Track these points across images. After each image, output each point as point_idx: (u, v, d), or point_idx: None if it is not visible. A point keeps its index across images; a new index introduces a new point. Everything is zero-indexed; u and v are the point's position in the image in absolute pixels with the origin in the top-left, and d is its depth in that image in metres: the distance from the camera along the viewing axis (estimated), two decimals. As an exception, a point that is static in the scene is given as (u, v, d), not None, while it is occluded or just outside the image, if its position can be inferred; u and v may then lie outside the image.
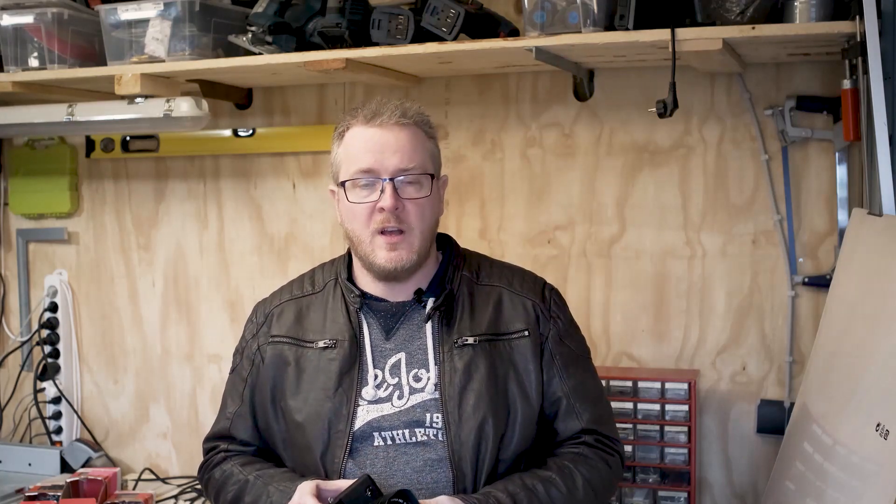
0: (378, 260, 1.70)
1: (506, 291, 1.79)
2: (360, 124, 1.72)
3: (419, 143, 1.72)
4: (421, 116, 1.75)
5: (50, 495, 2.29)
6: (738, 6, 1.96)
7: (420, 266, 1.74)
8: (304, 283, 1.87)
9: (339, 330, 1.76)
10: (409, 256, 1.70)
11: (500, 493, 1.62)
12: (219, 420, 1.86)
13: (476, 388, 1.69)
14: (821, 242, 2.25)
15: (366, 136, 1.70)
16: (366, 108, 1.74)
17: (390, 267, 1.69)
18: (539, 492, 1.64)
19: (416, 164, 1.70)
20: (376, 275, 1.74)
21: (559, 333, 1.78)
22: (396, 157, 1.68)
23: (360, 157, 1.69)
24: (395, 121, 1.70)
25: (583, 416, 1.74)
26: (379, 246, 1.69)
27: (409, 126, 1.71)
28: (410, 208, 1.69)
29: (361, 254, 1.73)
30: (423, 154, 1.72)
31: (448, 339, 1.73)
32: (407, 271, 1.72)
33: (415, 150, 1.70)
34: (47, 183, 2.93)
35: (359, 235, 1.72)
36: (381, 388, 1.73)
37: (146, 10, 2.31)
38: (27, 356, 2.98)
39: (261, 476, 1.73)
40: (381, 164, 1.68)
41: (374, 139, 1.69)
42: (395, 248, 1.69)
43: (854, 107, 1.92)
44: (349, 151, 1.72)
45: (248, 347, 1.85)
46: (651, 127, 2.35)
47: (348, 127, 1.74)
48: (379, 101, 1.74)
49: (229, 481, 1.76)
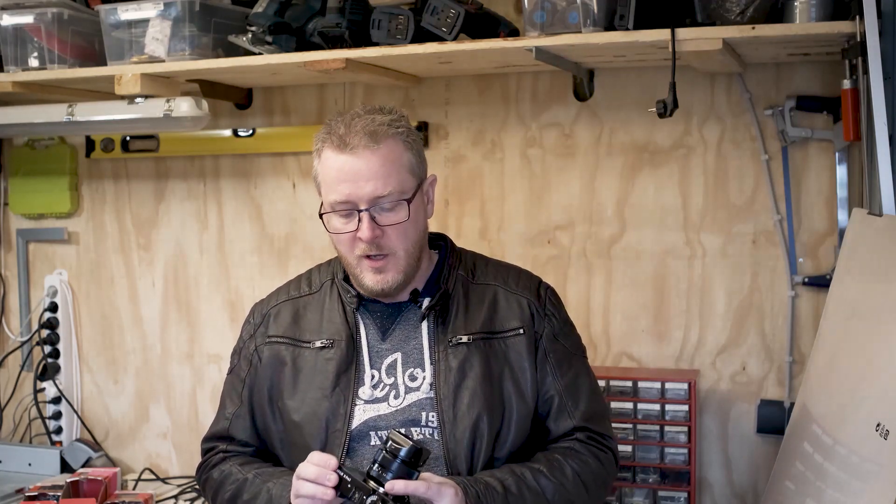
0: (366, 282, 1.71)
1: (501, 290, 1.79)
2: (331, 148, 1.67)
3: (393, 164, 1.66)
4: (394, 128, 1.68)
5: (50, 495, 2.29)
6: (738, 6, 1.96)
7: (410, 280, 1.74)
8: (301, 283, 1.88)
9: (336, 330, 1.77)
10: (395, 277, 1.70)
11: (489, 478, 1.63)
12: (217, 420, 1.86)
13: (470, 387, 1.69)
14: (821, 242, 2.25)
15: (338, 164, 1.66)
16: (339, 125, 1.67)
17: (378, 289, 1.71)
18: (527, 478, 1.65)
19: (391, 189, 1.65)
20: (367, 294, 1.75)
21: (553, 332, 1.78)
22: (370, 185, 1.64)
23: (335, 187, 1.67)
24: (365, 144, 1.64)
25: (574, 414, 1.74)
26: (365, 269, 1.70)
27: (380, 148, 1.65)
28: (391, 233, 1.67)
29: (351, 274, 1.75)
30: (400, 173, 1.67)
31: (443, 339, 1.73)
32: (396, 289, 1.72)
33: (389, 175, 1.65)
34: (47, 183, 2.93)
35: (346, 258, 1.73)
36: (378, 388, 1.73)
37: (146, 10, 2.31)
38: (27, 356, 2.98)
39: (260, 474, 1.73)
40: (355, 195, 1.65)
41: (346, 168, 1.65)
42: (380, 271, 1.69)
43: (854, 107, 1.92)
44: (325, 178, 1.69)
45: (245, 348, 1.85)
46: (651, 127, 2.35)
47: (322, 146, 1.69)
48: (349, 120, 1.67)
49: (227, 480, 1.76)
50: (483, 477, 1.63)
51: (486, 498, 1.59)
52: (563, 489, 1.67)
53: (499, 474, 1.64)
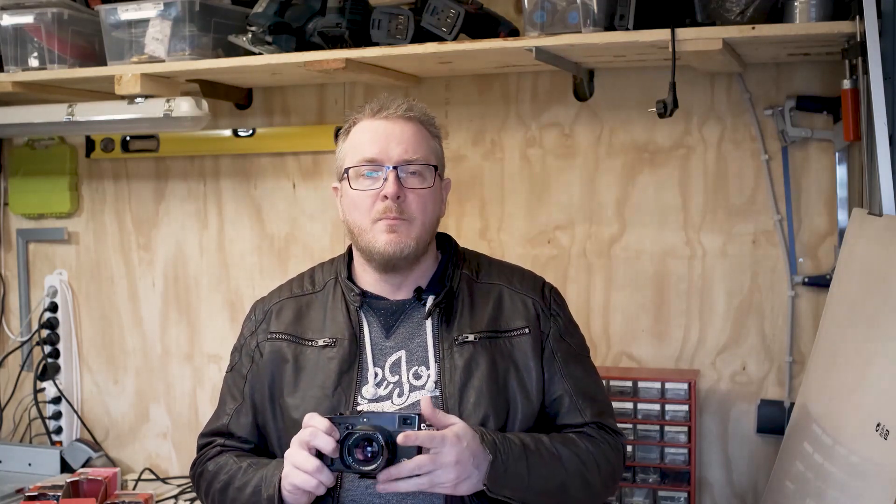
0: (378, 245, 1.70)
1: (506, 289, 1.79)
2: (366, 118, 1.75)
3: (423, 138, 1.75)
4: (426, 115, 1.78)
5: (50, 495, 2.29)
6: (738, 6, 1.96)
7: (419, 258, 1.74)
8: (304, 281, 1.87)
9: (339, 328, 1.76)
10: (407, 241, 1.70)
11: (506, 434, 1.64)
12: (218, 416, 1.85)
13: (476, 386, 1.69)
14: (821, 242, 2.25)
15: (371, 127, 1.73)
16: (372, 103, 1.77)
17: (390, 250, 1.69)
18: (545, 441, 1.66)
19: (419, 156, 1.72)
20: (377, 265, 1.74)
21: (559, 331, 1.78)
22: (401, 148, 1.71)
23: (365, 146, 1.72)
24: (401, 114, 1.73)
25: (585, 411, 1.74)
26: (380, 230, 1.70)
27: (413, 120, 1.74)
28: (412, 198, 1.70)
29: (362, 244, 1.73)
30: (427, 148, 1.75)
31: (448, 337, 1.73)
32: (406, 259, 1.71)
33: (419, 143, 1.73)
34: (47, 183, 2.93)
35: (360, 225, 1.72)
36: (382, 387, 1.73)
37: (146, 10, 2.31)
38: (27, 356, 2.98)
39: (254, 464, 1.72)
40: (385, 154, 1.70)
41: (379, 130, 1.72)
42: (394, 230, 1.69)
43: (854, 107, 1.92)
44: (354, 143, 1.74)
45: (246, 345, 1.85)
46: (651, 127, 2.35)
47: (354, 122, 1.77)
48: (385, 97, 1.77)
49: (222, 471, 1.75)
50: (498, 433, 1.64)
51: (502, 446, 1.59)
52: (577, 459, 1.67)
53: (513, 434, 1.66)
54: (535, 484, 1.62)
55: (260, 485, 1.64)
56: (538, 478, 1.62)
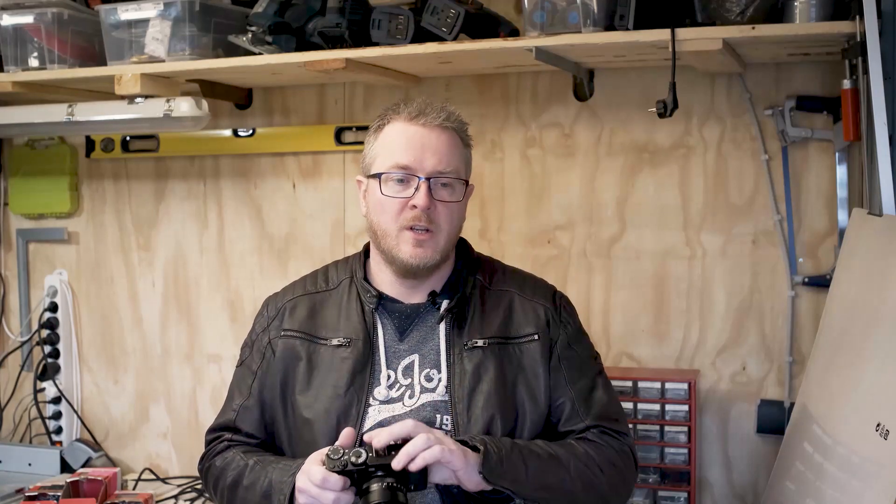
0: (402, 255, 1.70)
1: (517, 296, 1.80)
2: (402, 120, 1.73)
3: (457, 149, 1.74)
4: (461, 124, 1.77)
5: (50, 495, 2.29)
6: (738, 6, 1.96)
7: (440, 267, 1.75)
8: (318, 279, 1.87)
9: (354, 329, 1.76)
10: (432, 255, 1.71)
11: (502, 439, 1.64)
12: (224, 411, 1.85)
13: (485, 390, 1.70)
14: (821, 242, 2.25)
15: (408, 132, 1.72)
16: (410, 105, 1.75)
17: (414, 263, 1.70)
18: (538, 441, 1.67)
19: (452, 168, 1.71)
20: (397, 270, 1.74)
21: (568, 339, 1.78)
22: (435, 158, 1.70)
23: (400, 152, 1.71)
24: (439, 123, 1.72)
25: (586, 416, 1.74)
26: (405, 241, 1.70)
27: (450, 130, 1.73)
28: (441, 210, 1.70)
29: (385, 247, 1.73)
30: (460, 160, 1.74)
31: (459, 342, 1.74)
32: (428, 269, 1.72)
33: (452, 155, 1.72)
34: (47, 183, 2.93)
35: (385, 229, 1.72)
36: (394, 389, 1.73)
37: (146, 10, 2.31)
38: (27, 356, 2.98)
39: (261, 461, 1.72)
40: (419, 163, 1.69)
41: (416, 137, 1.71)
42: (421, 244, 1.69)
43: (854, 107, 1.93)
44: (388, 145, 1.73)
45: (258, 340, 1.84)
46: (651, 127, 2.35)
47: (389, 121, 1.75)
48: (424, 101, 1.75)
49: (229, 467, 1.76)
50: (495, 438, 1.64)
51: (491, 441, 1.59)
52: (576, 459, 1.66)
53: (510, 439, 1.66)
54: (535, 477, 1.61)
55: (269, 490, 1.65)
56: (536, 470, 1.61)
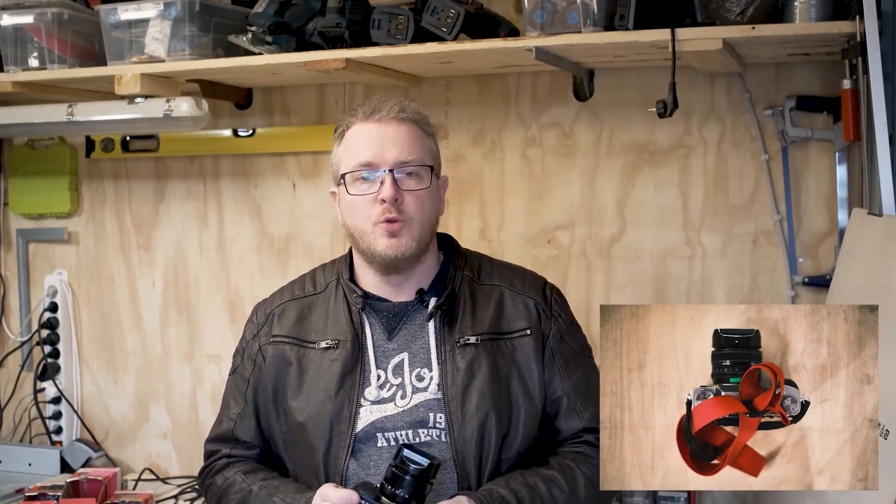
0: (378, 249, 1.70)
1: (507, 290, 1.79)
2: (360, 121, 1.75)
3: (418, 139, 1.75)
4: (419, 115, 1.78)
5: (50, 495, 2.29)
6: (738, 6, 1.96)
7: (420, 258, 1.75)
8: (306, 283, 1.87)
9: (342, 330, 1.76)
10: (408, 244, 1.70)
11: (503, 490, 1.62)
12: (221, 422, 1.86)
13: (479, 388, 1.69)
14: (821, 242, 2.25)
15: (366, 130, 1.73)
16: (365, 105, 1.77)
17: (391, 254, 1.70)
18: (541, 490, 1.64)
19: (415, 157, 1.72)
20: (378, 267, 1.74)
21: (560, 332, 1.78)
22: (395, 150, 1.71)
23: (361, 150, 1.72)
24: (395, 115, 1.73)
25: (584, 414, 1.74)
26: (379, 234, 1.70)
27: (407, 121, 1.74)
28: (410, 199, 1.70)
29: (363, 247, 1.73)
30: (422, 148, 1.75)
31: (450, 339, 1.73)
32: (407, 261, 1.72)
33: (413, 145, 1.73)
34: (47, 183, 2.93)
35: (360, 228, 1.72)
36: (384, 389, 1.72)
37: (146, 10, 2.31)
38: (27, 356, 2.97)
39: (265, 486, 1.72)
40: (380, 157, 1.70)
41: (374, 133, 1.72)
42: (395, 234, 1.69)
43: (854, 107, 1.92)
44: (349, 147, 1.74)
45: (249, 348, 1.85)
46: (651, 127, 2.35)
47: (348, 126, 1.76)
48: (377, 99, 1.77)
49: (231, 490, 1.75)
50: (497, 489, 1.62)
51: None
52: (574, 498, 1.67)
53: (513, 485, 1.64)
54: None
55: None
56: None
